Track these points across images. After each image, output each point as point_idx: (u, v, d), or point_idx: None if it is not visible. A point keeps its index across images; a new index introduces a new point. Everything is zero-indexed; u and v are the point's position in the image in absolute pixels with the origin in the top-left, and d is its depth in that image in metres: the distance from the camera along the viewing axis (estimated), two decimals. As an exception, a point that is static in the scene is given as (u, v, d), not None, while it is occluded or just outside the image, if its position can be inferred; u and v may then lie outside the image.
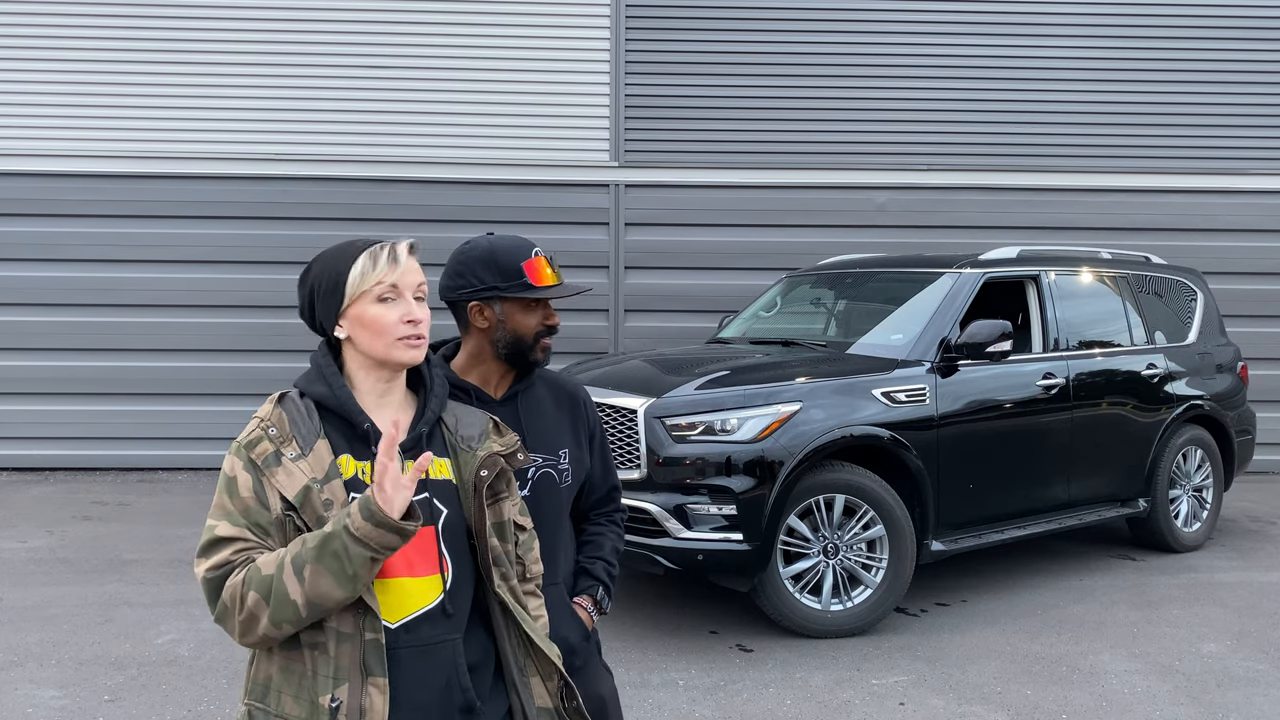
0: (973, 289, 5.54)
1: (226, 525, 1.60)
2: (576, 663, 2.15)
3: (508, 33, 8.90)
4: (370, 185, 8.82)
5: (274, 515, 1.61)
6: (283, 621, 1.54)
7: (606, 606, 2.30)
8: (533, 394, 2.25)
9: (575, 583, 2.28)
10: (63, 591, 5.36)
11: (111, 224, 8.68)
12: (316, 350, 1.77)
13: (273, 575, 1.53)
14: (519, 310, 2.15)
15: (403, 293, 1.70)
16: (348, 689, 1.57)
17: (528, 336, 2.16)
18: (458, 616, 1.68)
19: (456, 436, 1.78)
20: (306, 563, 1.52)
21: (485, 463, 1.74)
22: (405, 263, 1.70)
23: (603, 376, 5.21)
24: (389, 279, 1.68)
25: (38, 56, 8.64)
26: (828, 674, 4.35)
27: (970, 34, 9.11)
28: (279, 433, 1.65)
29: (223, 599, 1.57)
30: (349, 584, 1.52)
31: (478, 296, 2.14)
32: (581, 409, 2.32)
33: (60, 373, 8.67)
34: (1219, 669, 4.46)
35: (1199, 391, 6.45)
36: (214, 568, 1.58)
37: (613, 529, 2.39)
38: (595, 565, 2.30)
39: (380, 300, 1.69)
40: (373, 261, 1.69)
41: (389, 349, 1.69)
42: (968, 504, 5.22)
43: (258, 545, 1.60)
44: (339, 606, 1.56)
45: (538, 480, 2.18)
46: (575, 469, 2.26)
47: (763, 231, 9.01)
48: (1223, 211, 9.23)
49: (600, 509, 2.38)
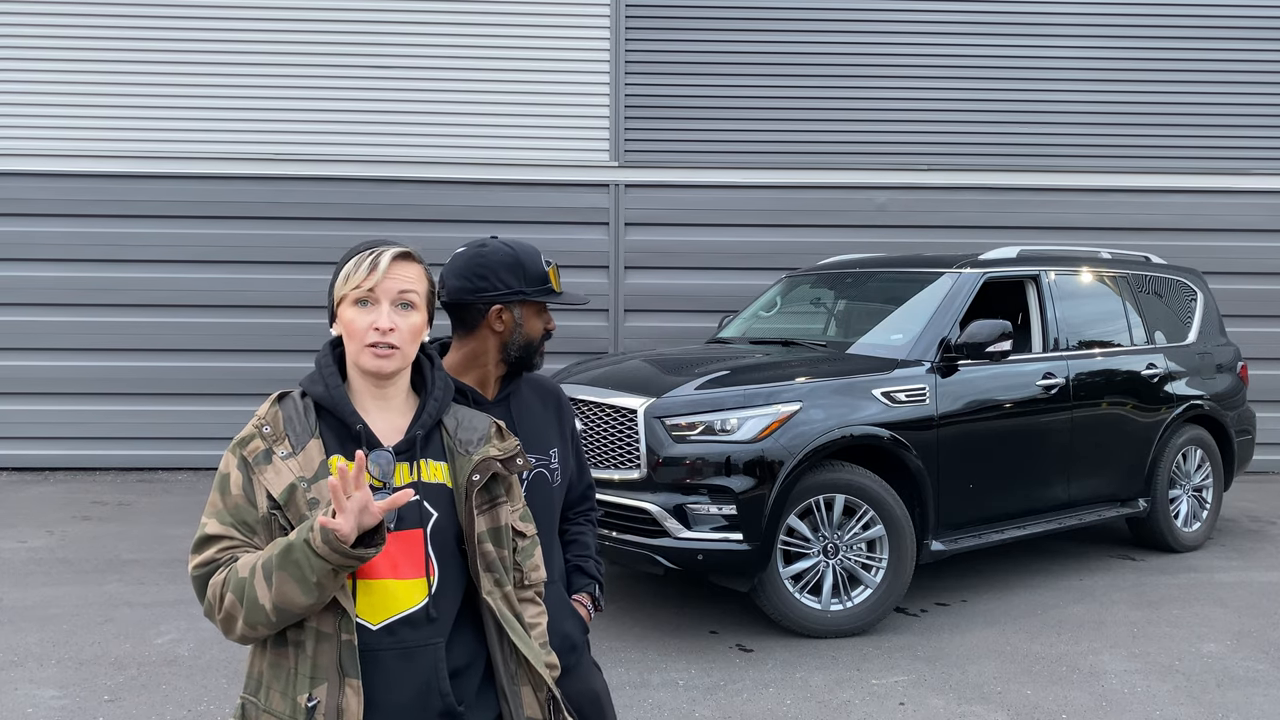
0: (973, 289, 5.54)
1: (215, 523, 1.62)
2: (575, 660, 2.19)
3: (508, 33, 8.90)
4: (370, 185, 8.82)
5: (260, 513, 1.62)
6: (256, 624, 1.56)
7: (602, 604, 2.36)
8: (521, 395, 2.28)
9: (570, 581, 2.32)
10: (63, 591, 5.36)
11: (111, 224, 8.68)
12: (321, 349, 1.78)
13: (245, 579, 1.55)
14: (533, 315, 2.22)
15: (379, 300, 1.68)
16: (325, 689, 1.58)
17: (536, 340, 2.23)
18: (441, 621, 1.67)
19: (455, 440, 1.77)
20: (273, 569, 1.53)
21: (478, 467, 1.73)
22: (385, 269, 1.68)
23: (603, 376, 5.21)
24: (365, 285, 1.68)
25: (38, 56, 8.64)
26: (828, 674, 4.35)
27: (970, 34, 9.11)
28: (273, 431, 1.66)
29: (207, 597, 1.60)
30: (313, 591, 1.53)
31: (501, 300, 2.16)
32: (564, 408, 2.37)
33: (60, 373, 8.67)
34: (1219, 669, 4.46)
35: (1199, 391, 6.45)
36: (200, 565, 1.61)
37: (590, 528, 2.44)
38: (588, 563, 2.35)
39: (356, 304, 1.69)
40: (355, 265, 1.70)
41: (358, 355, 1.69)
42: (968, 504, 5.22)
43: (243, 544, 1.61)
44: (309, 611, 1.56)
45: (532, 481, 2.20)
46: (564, 468, 2.30)
47: (763, 231, 9.01)
48: (1223, 211, 9.23)
49: (578, 507, 2.42)
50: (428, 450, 1.74)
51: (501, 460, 1.77)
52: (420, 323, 1.73)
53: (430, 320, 1.78)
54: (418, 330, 1.73)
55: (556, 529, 2.29)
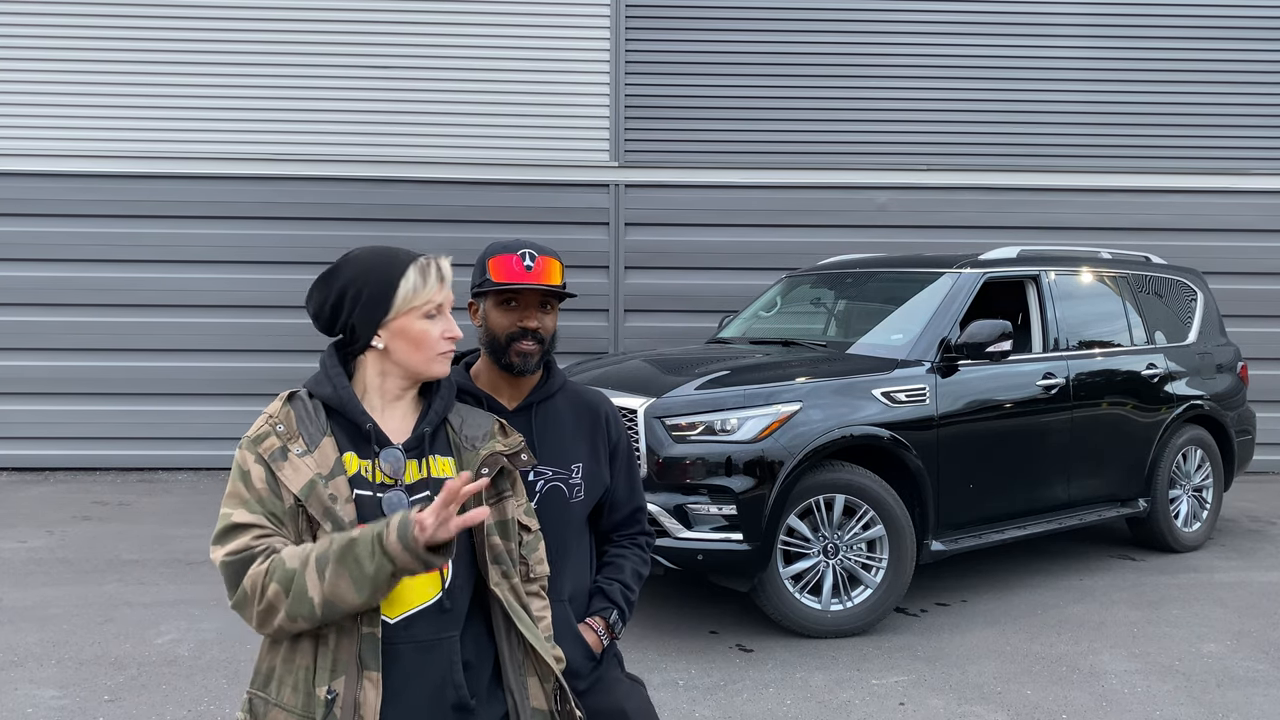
0: (973, 289, 5.54)
1: (244, 512, 1.62)
2: (579, 685, 2.08)
3: (508, 33, 8.90)
4: (370, 185, 8.82)
5: (287, 506, 1.64)
6: (298, 616, 1.55)
7: (619, 630, 2.22)
8: (550, 406, 2.23)
9: (590, 603, 2.22)
10: (63, 591, 5.36)
11: (111, 224, 8.68)
12: (325, 351, 1.79)
13: (295, 569, 1.55)
14: (494, 308, 2.16)
15: (444, 310, 1.76)
16: (344, 681, 1.59)
17: (500, 336, 2.14)
18: (455, 613, 1.70)
19: (461, 436, 1.81)
20: (329, 562, 1.53)
21: (486, 461, 1.78)
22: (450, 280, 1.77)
23: (603, 376, 5.21)
24: (438, 298, 1.75)
25: (38, 56, 8.64)
26: (828, 674, 4.35)
27: (970, 34, 9.11)
28: (286, 429, 1.68)
29: (243, 586, 1.58)
30: (367, 589, 1.53)
31: (471, 294, 2.21)
32: (603, 424, 2.28)
33: (60, 373, 8.67)
34: (1219, 669, 4.46)
35: (1199, 391, 6.45)
36: (233, 552, 1.59)
37: (635, 552, 2.31)
38: (612, 587, 2.24)
39: (427, 317, 1.74)
40: (423, 279, 1.74)
41: (428, 363, 1.75)
42: (968, 504, 5.22)
43: (274, 533, 1.62)
44: (355, 610, 1.57)
45: (546, 493, 2.16)
46: (589, 484, 2.22)
47: (763, 231, 9.01)
48: (1223, 211, 9.23)
49: (623, 530, 2.32)
50: (435, 447, 1.78)
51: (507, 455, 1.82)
52: None
53: None
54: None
55: (570, 547, 2.19)
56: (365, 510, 1.66)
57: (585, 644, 2.15)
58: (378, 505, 1.67)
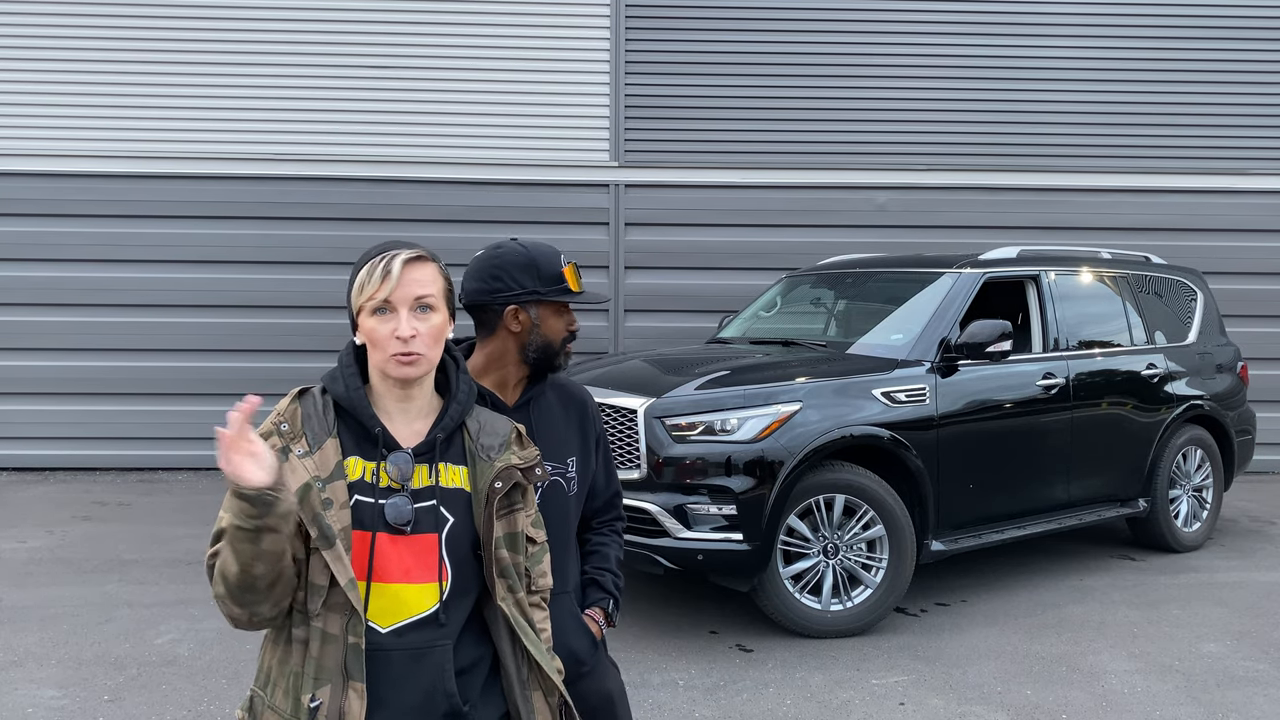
0: (973, 289, 5.54)
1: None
2: (584, 670, 2.17)
3: (508, 33, 8.90)
4: (370, 185, 8.82)
5: None
6: (226, 597, 1.56)
7: (615, 619, 2.30)
8: (544, 401, 2.26)
9: (585, 594, 2.28)
10: (63, 591, 5.36)
11: (111, 224, 8.68)
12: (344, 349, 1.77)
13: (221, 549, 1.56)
14: (552, 315, 2.23)
15: (396, 307, 1.66)
16: (329, 690, 1.58)
17: (557, 341, 2.23)
18: (451, 625, 1.67)
19: (477, 444, 1.76)
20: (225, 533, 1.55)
21: (501, 474, 1.72)
22: (399, 276, 1.66)
23: (603, 376, 5.21)
24: (380, 294, 1.66)
25: (38, 56, 8.64)
26: (828, 674, 4.35)
27: (970, 34, 9.11)
28: (290, 429, 1.66)
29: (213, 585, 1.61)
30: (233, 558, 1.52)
31: (515, 300, 2.17)
32: (589, 416, 2.33)
33: (60, 373, 8.67)
34: (1219, 669, 4.46)
35: (1199, 391, 6.45)
36: (212, 555, 1.61)
37: (615, 539, 2.38)
38: (604, 577, 2.30)
39: (374, 313, 1.67)
40: (368, 274, 1.67)
41: (384, 363, 1.68)
42: (968, 504, 5.22)
43: None
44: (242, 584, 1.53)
45: (546, 490, 2.18)
46: (582, 476, 2.26)
47: (763, 231, 9.01)
48: (1223, 211, 9.23)
49: (602, 516, 2.37)
50: (448, 454, 1.73)
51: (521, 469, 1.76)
52: (441, 323, 1.71)
53: (452, 317, 1.76)
54: (439, 332, 1.70)
55: (571, 539, 2.25)
56: (365, 516, 1.62)
57: (590, 634, 2.22)
58: (379, 511, 1.63)
